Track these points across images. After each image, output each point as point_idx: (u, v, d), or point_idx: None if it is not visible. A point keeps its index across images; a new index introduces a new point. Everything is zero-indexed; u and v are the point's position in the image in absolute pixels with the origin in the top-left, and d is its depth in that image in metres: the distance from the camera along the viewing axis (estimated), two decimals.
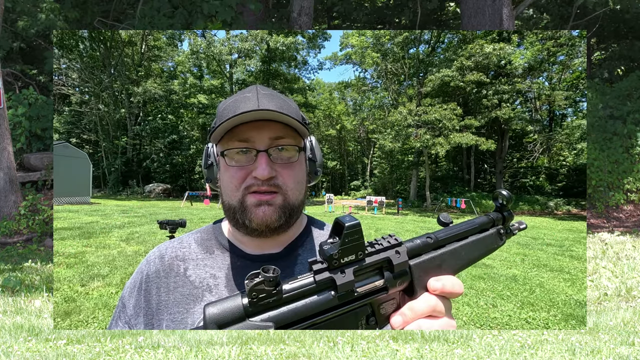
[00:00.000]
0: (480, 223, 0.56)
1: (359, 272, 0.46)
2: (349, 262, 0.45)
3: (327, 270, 0.45)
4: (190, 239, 0.82)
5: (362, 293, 0.46)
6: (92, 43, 27.01)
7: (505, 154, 24.88)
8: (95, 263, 5.96)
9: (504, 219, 0.58)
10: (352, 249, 0.45)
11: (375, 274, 0.48)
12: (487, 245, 0.56)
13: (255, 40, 24.98)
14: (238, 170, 0.69)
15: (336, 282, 0.44)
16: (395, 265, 0.48)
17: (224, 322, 0.41)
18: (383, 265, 0.48)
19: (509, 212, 0.58)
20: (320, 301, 0.44)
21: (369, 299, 0.47)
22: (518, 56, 20.54)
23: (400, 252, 0.48)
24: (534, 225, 14.38)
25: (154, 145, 31.69)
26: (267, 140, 0.69)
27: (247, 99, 0.69)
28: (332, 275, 0.44)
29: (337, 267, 0.45)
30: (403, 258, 0.48)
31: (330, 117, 42.56)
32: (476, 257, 0.55)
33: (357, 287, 0.46)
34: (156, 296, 0.73)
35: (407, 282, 0.49)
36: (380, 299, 0.48)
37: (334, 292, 0.45)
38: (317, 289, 0.45)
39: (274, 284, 0.42)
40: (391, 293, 0.48)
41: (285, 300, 0.44)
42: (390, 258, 0.48)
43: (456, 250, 0.53)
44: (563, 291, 5.25)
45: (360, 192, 36.55)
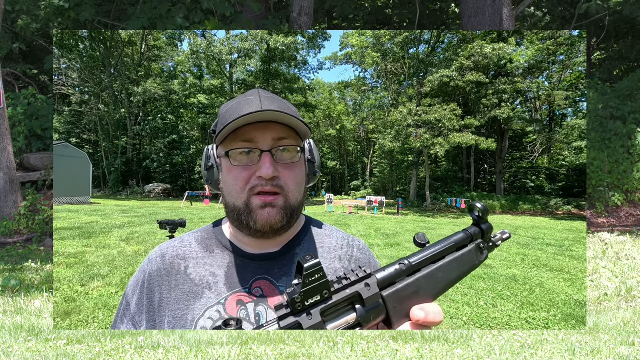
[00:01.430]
0: (457, 240, 0.54)
1: (328, 311, 0.44)
2: (315, 303, 0.43)
3: (291, 315, 0.43)
4: (191, 238, 0.83)
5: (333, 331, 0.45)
6: (92, 43, 27.01)
7: (505, 154, 24.88)
8: (95, 263, 5.96)
9: (483, 232, 0.55)
10: (316, 289, 0.43)
11: (348, 310, 0.46)
12: (466, 263, 0.53)
13: (255, 40, 24.96)
14: (242, 170, 0.71)
15: (302, 326, 0.42)
16: (365, 300, 0.46)
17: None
18: (354, 300, 0.46)
19: (486, 224, 0.55)
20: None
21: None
22: (518, 56, 20.54)
23: (371, 285, 0.46)
24: (534, 225, 14.38)
25: (154, 145, 31.68)
26: (271, 140, 0.71)
27: (250, 101, 0.71)
28: (297, 320, 0.43)
29: (301, 310, 0.43)
30: (374, 290, 0.46)
31: (330, 117, 42.55)
32: (456, 277, 0.52)
33: (328, 327, 0.44)
34: (158, 294, 0.75)
35: (383, 314, 0.47)
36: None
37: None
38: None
39: (238, 327, 0.42)
40: (367, 328, 0.46)
41: None
42: (359, 292, 0.46)
43: (432, 273, 0.50)
44: (563, 291, 5.25)
45: (360, 192, 36.55)
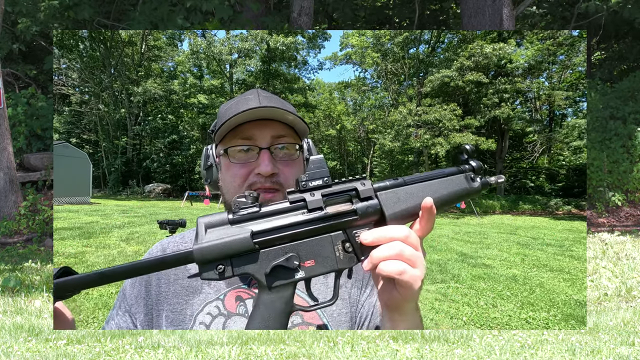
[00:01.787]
0: (449, 171, 0.58)
1: (328, 196, 0.51)
2: (317, 186, 0.51)
3: (298, 192, 0.51)
4: (192, 235, 0.84)
5: (332, 213, 0.50)
6: (92, 43, 27.00)
7: (505, 154, 24.87)
8: (95, 263, 5.97)
9: (474, 168, 0.59)
10: (318, 174, 0.51)
11: (345, 203, 0.52)
12: (456, 185, 0.56)
13: (255, 40, 24.94)
14: (241, 167, 0.71)
15: (306, 200, 0.50)
16: (360, 192, 0.52)
17: (210, 225, 0.48)
18: (352, 196, 0.52)
19: (476, 162, 0.60)
20: (293, 217, 0.50)
21: (340, 221, 0.50)
22: (518, 56, 20.54)
23: (365, 184, 0.53)
24: (534, 225, 14.37)
25: (154, 145, 31.67)
26: (269, 138, 0.71)
27: (249, 99, 0.72)
28: (302, 195, 0.50)
29: (306, 189, 0.51)
30: (368, 187, 0.52)
31: (330, 117, 42.49)
32: (446, 194, 0.55)
33: (327, 207, 0.50)
34: (156, 287, 0.76)
35: (377, 212, 0.51)
36: (353, 225, 0.51)
37: (305, 210, 0.50)
38: (291, 208, 0.50)
39: (253, 199, 0.50)
40: (363, 221, 0.51)
41: (263, 214, 0.50)
42: (356, 187, 0.52)
43: (423, 186, 0.55)
44: (563, 291, 5.25)
45: None
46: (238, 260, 0.47)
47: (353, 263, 0.50)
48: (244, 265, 0.47)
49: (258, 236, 0.48)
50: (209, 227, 0.48)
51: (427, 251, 8.56)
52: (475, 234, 10.91)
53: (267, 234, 0.48)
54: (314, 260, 0.49)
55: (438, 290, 5.18)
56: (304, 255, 0.49)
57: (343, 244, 0.50)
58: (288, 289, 0.49)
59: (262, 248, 0.48)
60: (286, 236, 0.49)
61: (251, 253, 0.48)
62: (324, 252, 0.49)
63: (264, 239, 0.48)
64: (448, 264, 6.75)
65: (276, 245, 0.49)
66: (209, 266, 0.47)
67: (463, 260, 7.12)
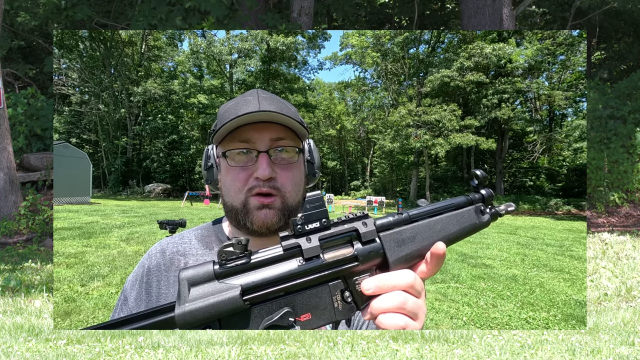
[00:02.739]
0: (457, 202, 0.55)
1: (326, 241, 0.46)
2: (314, 229, 0.46)
3: (292, 237, 0.46)
4: (191, 235, 0.84)
5: (330, 261, 0.46)
6: (92, 43, 27.01)
7: (505, 154, 24.87)
8: (95, 263, 5.96)
9: (483, 198, 0.56)
10: (315, 216, 0.46)
11: (345, 244, 0.48)
12: (465, 221, 0.53)
13: (255, 40, 24.95)
14: (240, 171, 0.71)
15: (301, 247, 0.45)
16: (362, 234, 0.47)
17: (194, 282, 0.43)
18: (352, 237, 0.48)
19: (487, 190, 0.56)
20: (287, 267, 0.45)
21: (339, 269, 0.46)
22: (517, 56, 20.54)
23: (368, 224, 0.48)
24: (534, 225, 14.37)
25: (154, 145, 31.67)
26: (268, 141, 0.71)
27: (248, 101, 0.71)
28: (297, 241, 0.45)
29: (302, 233, 0.46)
30: (370, 228, 0.48)
31: (330, 117, 42.55)
32: (454, 232, 0.52)
33: (325, 254, 0.46)
34: (156, 289, 0.76)
35: (380, 255, 0.48)
36: (353, 272, 0.47)
37: (301, 258, 0.45)
38: (285, 256, 0.45)
39: (242, 248, 0.44)
40: (364, 267, 0.47)
41: (254, 265, 0.44)
42: (357, 227, 0.48)
43: (430, 223, 0.51)
44: (563, 291, 5.25)
45: (360, 192, 36.54)
46: (227, 321, 0.43)
47: (352, 313, 0.47)
48: (234, 325, 0.43)
49: (249, 292, 0.43)
50: (193, 285, 0.43)
51: None
52: (475, 234, 10.90)
53: (259, 289, 0.43)
54: (311, 314, 0.45)
55: (438, 290, 5.18)
56: (300, 309, 0.45)
57: (342, 294, 0.46)
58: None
59: (253, 304, 0.44)
60: (280, 289, 0.44)
61: (242, 312, 0.43)
62: (321, 304, 0.45)
63: (255, 295, 0.43)
64: (448, 264, 6.75)
65: (269, 300, 0.44)
66: (193, 329, 0.42)
67: (463, 260, 7.12)
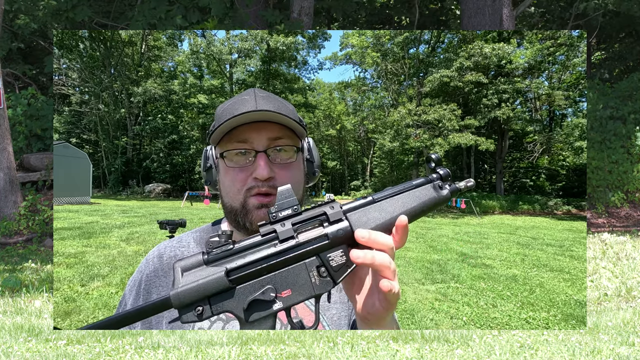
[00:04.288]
0: (417, 182, 0.59)
1: (299, 224, 0.52)
2: (287, 216, 0.52)
3: (269, 224, 0.52)
4: (189, 238, 0.83)
5: (303, 241, 0.51)
6: (92, 43, 27.01)
7: (505, 154, 24.87)
8: (95, 263, 5.97)
9: (441, 176, 0.60)
10: (287, 204, 0.53)
11: (316, 228, 0.53)
12: (424, 196, 0.57)
13: (255, 40, 24.94)
14: (239, 172, 0.70)
15: (277, 231, 0.51)
16: (329, 216, 0.53)
17: (186, 268, 0.49)
18: (322, 220, 0.53)
19: (444, 170, 0.60)
20: (265, 249, 0.50)
21: (312, 247, 0.51)
22: (518, 56, 20.53)
23: (334, 207, 0.54)
24: (534, 225, 14.38)
25: (154, 145, 31.67)
26: (266, 141, 0.70)
27: (245, 101, 0.70)
28: (273, 227, 0.51)
29: (276, 220, 0.52)
30: (337, 209, 0.53)
31: (330, 117, 42.53)
32: (414, 207, 0.56)
33: (298, 236, 0.51)
34: (155, 294, 0.75)
35: (348, 232, 0.52)
36: (326, 249, 0.51)
37: (277, 241, 0.51)
38: (264, 241, 0.51)
39: (226, 237, 0.51)
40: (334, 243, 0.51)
41: (237, 250, 0.50)
42: (325, 211, 0.53)
43: (391, 201, 0.56)
44: (563, 291, 5.25)
45: (360, 192, 36.51)
46: (215, 300, 0.48)
47: (330, 287, 0.51)
48: (222, 303, 0.48)
49: (233, 273, 0.49)
50: (185, 271, 0.49)
51: (427, 251, 8.47)
52: (475, 234, 10.91)
53: (241, 269, 0.49)
54: (291, 290, 0.50)
55: (438, 290, 5.18)
56: (280, 286, 0.49)
57: (318, 270, 0.50)
58: (268, 321, 0.49)
59: (238, 284, 0.49)
60: (260, 269, 0.49)
61: (228, 291, 0.48)
62: (299, 280, 0.50)
63: (238, 276, 0.49)
64: (448, 264, 6.75)
65: (252, 279, 0.49)
66: (187, 309, 0.48)
67: (463, 260, 7.12)
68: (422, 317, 4.18)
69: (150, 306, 0.49)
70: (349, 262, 0.51)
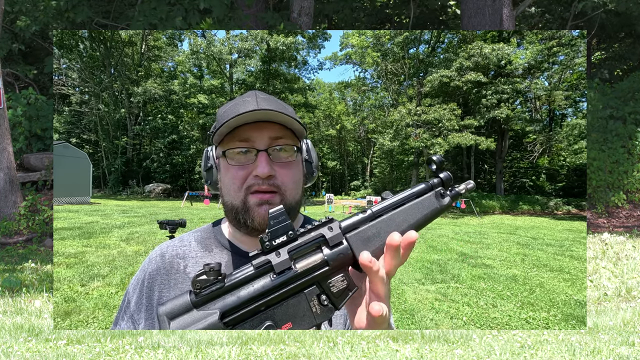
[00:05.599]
0: (417, 190, 0.56)
1: (295, 251, 0.48)
2: (281, 243, 0.47)
3: (262, 254, 0.47)
4: (191, 238, 0.85)
5: (302, 270, 0.47)
6: (92, 43, 27.01)
7: (505, 154, 24.86)
8: (95, 263, 5.97)
9: (442, 181, 0.57)
10: (281, 230, 0.47)
11: (314, 251, 0.49)
12: (426, 207, 0.55)
13: (255, 40, 24.94)
14: (239, 170, 0.71)
15: (272, 262, 0.46)
16: (329, 240, 0.49)
17: (173, 315, 0.45)
18: (320, 243, 0.49)
19: (445, 174, 0.58)
20: (261, 283, 0.46)
21: (311, 276, 0.47)
22: (518, 56, 20.53)
23: (333, 227, 0.50)
24: (533, 225, 14.37)
25: (154, 145, 31.68)
26: (267, 140, 0.71)
27: (246, 102, 0.72)
28: (267, 257, 0.47)
29: (270, 249, 0.47)
30: (336, 232, 0.49)
31: (330, 117, 42.53)
32: (417, 219, 0.53)
33: (296, 264, 0.47)
34: (158, 292, 0.77)
35: (349, 255, 0.49)
36: (327, 276, 0.48)
37: (273, 273, 0.47)
38: (257, 274, 0.47)
39: (215, 274, 0.45)
40: (334, 267, 0.48)
41: (228, 288, 0.46)
42: (323, 234, 0.49)
43: (393, 216, 0.52)
44: (563, 291, 5.25)
45: (360, 192, 36.50)
46: None
47: (331, 314, 0.48)
48: None
49: (228, 314, 0.45)
50: (172, 318, 0.45)
51: (427, 251, 8.46)
52: (475, 234, 10.91)
53: (237, 310, 0.45)
54: (292, 322, 0.47)
55: (438, 290, 5.18)
56: (280, 320, 0.46)
57: (319, 298, 0.48)
58: None
59: (235, 325, 0.46)
60: (257, 307, 0.46)
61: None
62: (299, 311, 0.47)
63: (234, 317, 0.45)
64: (448, 264, 6.75)
65: (249, 318, 0.46)
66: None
67: (463, 260, 7.12)
68: (422, 317, 4.19)
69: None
70: (351, 285, 0.49)
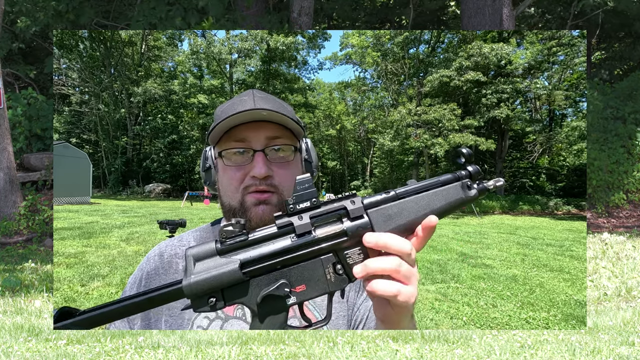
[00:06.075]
0: (444, 179, 0.56)
1: (317, 218, 0.50)
2: (305, 208, 0.49)
3: (286, 216, 0.50)
4: (190, 237, 0.84)
5: (321, 237, 0.49)
6: (92, 43, 27.01)
7: (505, 154, 24.85)
8: (95, 263, 5.97)
9: (470, 174, 0.57)
10: (306, 196, 0.50)
11: (335, 223, 0.50)
12: (451, 196, 0.54)
13: (255, 40, 24.94)
14: (236, 170, 0.71)
15: (294, 224, 0.49)
16: (350, 211, 0.50)
17: (199, 257, 0.48)
18: (341, 214, 0.51)
19: (474, 167, 0.57)
20: (281, 243, 0.48)
21: (330, 244, 0.49)
22: (518, 56, 20.52)
23: (356, 202, 0.51)
24: (533, 225, 14.37)
25: (154, 145, 31.68)
26: (264, 140, 0.70)
27: (243, 101, 0.71)
28: (290, 219, 0.49)
29: (294, 212, 0.49)
30: (358, 205, 0.50)
31: (330, 117, 42.50)
32: (440, 206, 0.53)
33: (316, 230, 0.49)
34: None
35: (368, 230, 0.50)
36: (344, 246, 0.49)
37: (294, 235, 0.49)
38: (279, 234, 0.49)
39: (240, 227, 0.49)
40: (353, 241, 0.49)
41: (251, 242, 0.49)
42: (345, 205, 0.50)
43: (416, 199, 0.53)
44: (563, 291, 5.25)
45: (360, 192, 36.47)
46: (229, 292, 0.47)
47: (345, 284, 0.50)
48: (235, 296, 0.47)
49: (247, 266, 0.47)
50: (198, 260, 0.48)
51: (427, 251, 8.46)
52: (475, 234, 10.91)
53: (256, 263, 0.48)
54: (305, 285, 0.48)
55: (438, 290, 5.18)
56: (295, 281, 0.48)
57: (334, 266, 0.49)
58: (281, 315, 0.48)
59: (252, 277, 0.48)
60: (275, 263, 0.48)
61: (241, 283, 0.47)
62: (315, 276, 0.49)
63: (253, 269, 0.47)
64: (448, 264, 6.75)
65: (266, 273, 0.48)
66: (200, 300, 0.47)
67: (463, 260, 7.12)
68: (422, 317, 4.18)
69: (161, 295, 0.48)
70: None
